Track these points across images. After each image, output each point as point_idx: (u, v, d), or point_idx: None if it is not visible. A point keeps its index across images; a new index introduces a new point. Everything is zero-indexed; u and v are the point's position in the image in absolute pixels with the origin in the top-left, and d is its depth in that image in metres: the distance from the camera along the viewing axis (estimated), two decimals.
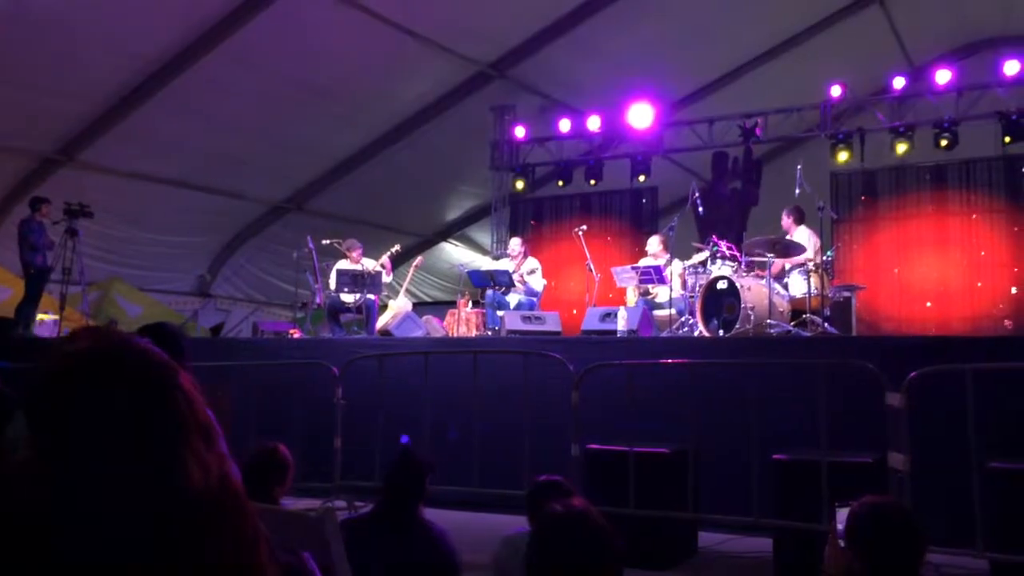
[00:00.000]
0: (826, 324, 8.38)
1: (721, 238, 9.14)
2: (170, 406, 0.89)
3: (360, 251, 10.52)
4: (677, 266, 9.57)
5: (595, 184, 12.96)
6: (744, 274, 8.61)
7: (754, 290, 8.28)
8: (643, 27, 12.10)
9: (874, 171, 11.47)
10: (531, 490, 3.66)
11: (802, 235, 9.35)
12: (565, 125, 13.13)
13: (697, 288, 8.76)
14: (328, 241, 10.56)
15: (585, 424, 6.24)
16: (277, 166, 13.45)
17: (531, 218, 13.59)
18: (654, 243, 10.06)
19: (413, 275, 12.21)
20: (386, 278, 10.33)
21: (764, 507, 5.55)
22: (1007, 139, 10.61)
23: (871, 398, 5.52)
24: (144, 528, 0.84)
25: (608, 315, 8.77)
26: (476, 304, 11.20)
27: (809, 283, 8.45)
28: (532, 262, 10.57)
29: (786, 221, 9.60)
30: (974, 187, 10.89)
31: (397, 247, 11.06)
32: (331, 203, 14.54)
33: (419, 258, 12.86)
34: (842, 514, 2.54)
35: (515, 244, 10.85)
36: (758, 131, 11.82)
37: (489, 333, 9.85)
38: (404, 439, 5.65)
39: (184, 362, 2.81)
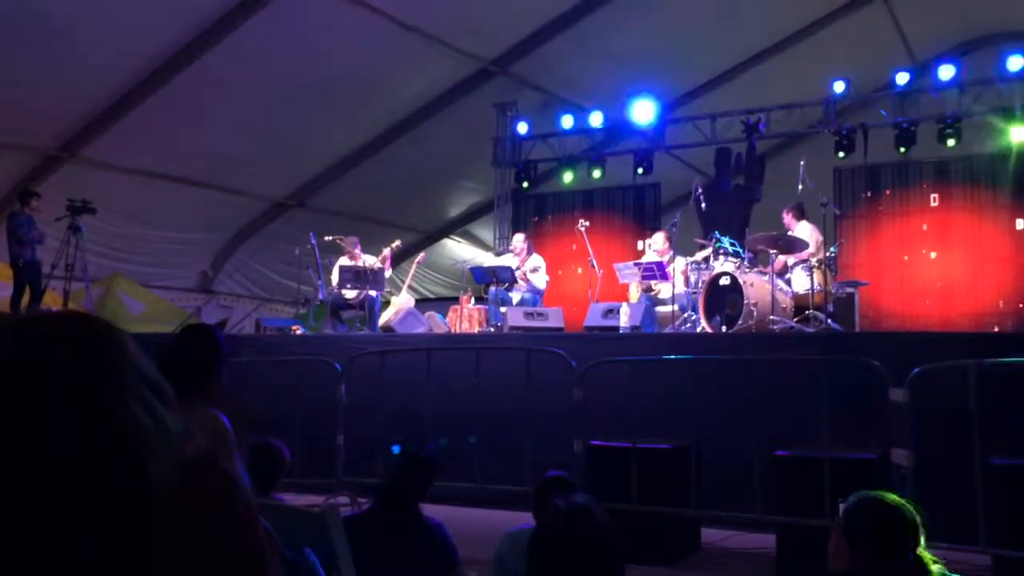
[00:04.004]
0: (829, 320, 8.37)
1: (724, 234, 9.13)
2: (104, 355, 0.90)
3: (359, 247, 10.54)
4: (680, 262, 9.56)
5: (598, 179, 12.96)
6: (747, 270, 8.59)
7: (757, 286, 8.27)
8: (645, 22, 12.07)
9: (877, 167, 11.45)
10: (538, 486, 3.66)
11: (804, 231, 9.33)
12: (567, 121, 13.12)
13: (700, 284, 8.75)
14: (330, 237, 10.56)
15: (588, 420, 6.24)
16: (279, 163, 13.45)
17: (533, 214, 13.59)
18: (659, 239, 10.03)
19: (415, 271, 12.21)
20: (386, 272, 10.34)
21: (767, 503, 5.54)
22: (1012, 133, 10.60)
23: (874, 394, 5.51)
24: (96, 476, 0.83)
25: (611, 311, 8.76)
26: (479, 300, 11.19)
27: (812, 279, 8.43)
28: (536, 260, 10.56)
29: (787, 218, 9.59)
30: (977, 182, 10.88)
31: (397, 242, 11.09)
32: (333, 200, 14.52)
33: (421, 254, 12.86)
34: None
35: (518, 240, 10.85)
36: (761, 126, 11.80)
37: (492, 329, 9.84)
38: (395, 449, 5.64)
39: (222, 362, 2.80)
